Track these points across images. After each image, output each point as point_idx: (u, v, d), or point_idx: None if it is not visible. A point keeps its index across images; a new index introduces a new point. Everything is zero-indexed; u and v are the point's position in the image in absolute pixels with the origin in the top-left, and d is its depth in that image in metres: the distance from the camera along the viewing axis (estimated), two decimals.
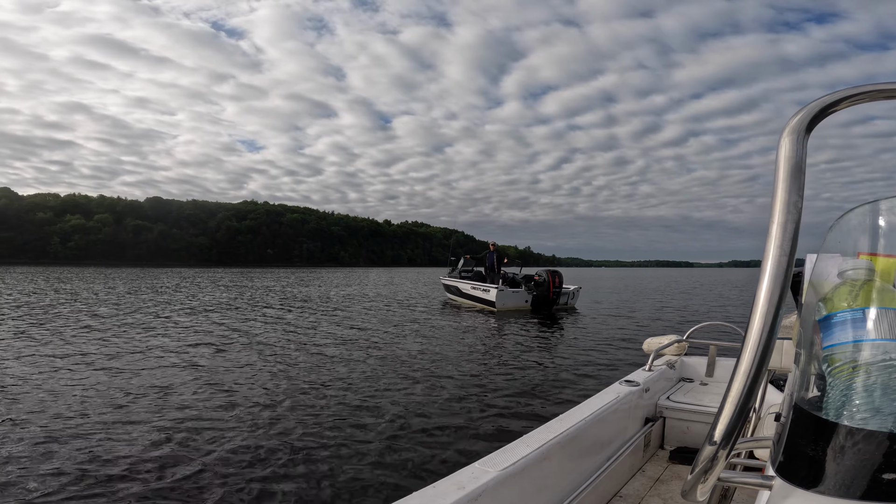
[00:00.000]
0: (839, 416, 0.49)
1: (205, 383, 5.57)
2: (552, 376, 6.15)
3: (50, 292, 20.55)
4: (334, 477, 3.21)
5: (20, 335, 8.95)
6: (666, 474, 2.38)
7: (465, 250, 22.38)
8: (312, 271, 77.80)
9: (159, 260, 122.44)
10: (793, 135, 0.54)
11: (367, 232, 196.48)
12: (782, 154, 0.53)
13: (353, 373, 6.22)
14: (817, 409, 0.52)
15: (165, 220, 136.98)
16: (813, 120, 0.55)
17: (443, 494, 1.20)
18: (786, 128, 0.55)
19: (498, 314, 13.81)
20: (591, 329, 11.40)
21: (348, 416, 4.45)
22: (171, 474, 3.21)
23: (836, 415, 0.50)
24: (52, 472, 3.20)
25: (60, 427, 4.04)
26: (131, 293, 20.83)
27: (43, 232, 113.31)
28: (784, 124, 0.56)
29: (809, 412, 0.52)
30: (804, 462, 0.51)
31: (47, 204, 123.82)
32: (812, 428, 0.51)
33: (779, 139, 0.55)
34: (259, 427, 4.13)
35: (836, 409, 0.50)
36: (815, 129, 0.54)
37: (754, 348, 0.50)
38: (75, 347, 7.83)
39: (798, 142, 0.53)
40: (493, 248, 16.70)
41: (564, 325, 12.09)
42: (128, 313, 13.00)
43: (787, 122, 0.56)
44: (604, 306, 17.97)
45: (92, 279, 34.14)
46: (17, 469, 3.25)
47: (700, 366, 3.29)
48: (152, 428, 4.05)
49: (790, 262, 0.50)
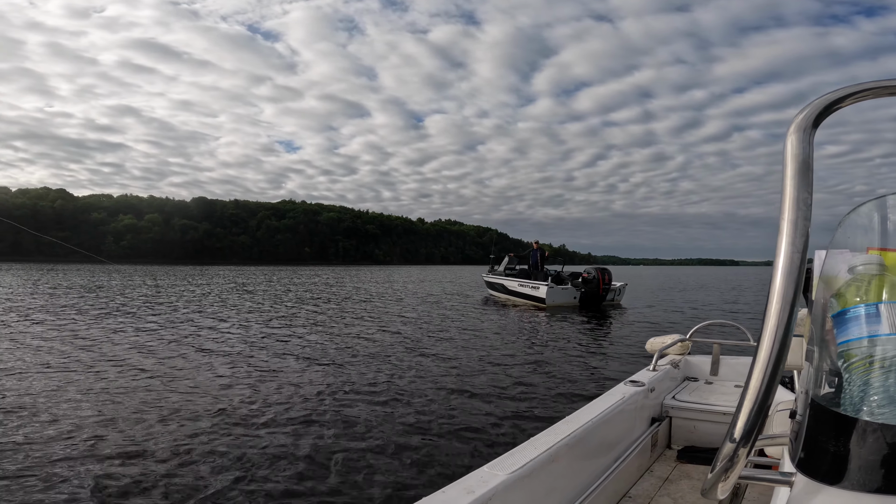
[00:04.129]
0: (858, 412, 0.50)
1: (248, 375, 5.82)
2: (586, 373, 6.29)
3: (143, 288, 22.19)
4: (343, 481, 3.15)
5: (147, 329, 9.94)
6: (674, 474, 2.37)
7: (499, 248, 22.61)
8: (350, 269, 79.36)
9: (204, 258, 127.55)
10: (799, 132, 0.54)
11: (401, 230, 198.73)
12: (789, 151, 0.54)
13: (378, 372, 6.13)
14: (835, 405, 0.52)
15: (210, 220, 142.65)
16: (819, 116, 0.55)
17: (452, 500, 1.19)
18: (792, 125, 0.55)
19: (547, 310, 14.25)
20: (638, 324, 11.70)
21: (363, 418, 4.37)
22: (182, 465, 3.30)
23: (855, 410, 0.50)
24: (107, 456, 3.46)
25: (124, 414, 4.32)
26: (219, 290, 22.18)
27: (97, 231, 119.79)
28: (790, 121, 0.56)
29: (828, 408, 0.53)
30: (826, 458, 0.51)
31: (101, 204, 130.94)
32: (832, 424, 0.51)
33: (785, 136, 0.55)
34: (267, 425, 4.14)
35: (855, 404, 0.50)
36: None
37: (770, 345, 0.50)
38: (194, 339, 8.78)
39: (805, 138, 0.54)
40: (536, 247, 17.20)
41: (612, 321, 12.42)
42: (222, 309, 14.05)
43: (792, 119, 0.56)
44: (649, 303, 18.18)
45: (174, 276, 36.29)
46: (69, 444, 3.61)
47: (704, 364, 3.28)
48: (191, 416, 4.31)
49: (803, 258, 0.50)
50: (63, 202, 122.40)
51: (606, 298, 15.72)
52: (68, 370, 5.96)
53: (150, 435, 3.87)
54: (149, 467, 3.28)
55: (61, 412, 4.36)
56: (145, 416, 4.32)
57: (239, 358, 6.92)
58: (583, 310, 14.50)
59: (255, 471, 3.26)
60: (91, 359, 6.64)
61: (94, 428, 4.00)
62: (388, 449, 3.68)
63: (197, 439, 3.79)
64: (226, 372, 6.06)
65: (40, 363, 6.32)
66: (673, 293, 25.25)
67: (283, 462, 3.42)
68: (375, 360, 6.83)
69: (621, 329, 10.79)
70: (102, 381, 5.46)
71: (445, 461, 3.50)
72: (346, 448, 3.67)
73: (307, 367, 6.36)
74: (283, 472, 3.27)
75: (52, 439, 3.74)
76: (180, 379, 5.65)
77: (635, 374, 2.71)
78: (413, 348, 7.88)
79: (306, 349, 7.70)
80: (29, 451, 3.49)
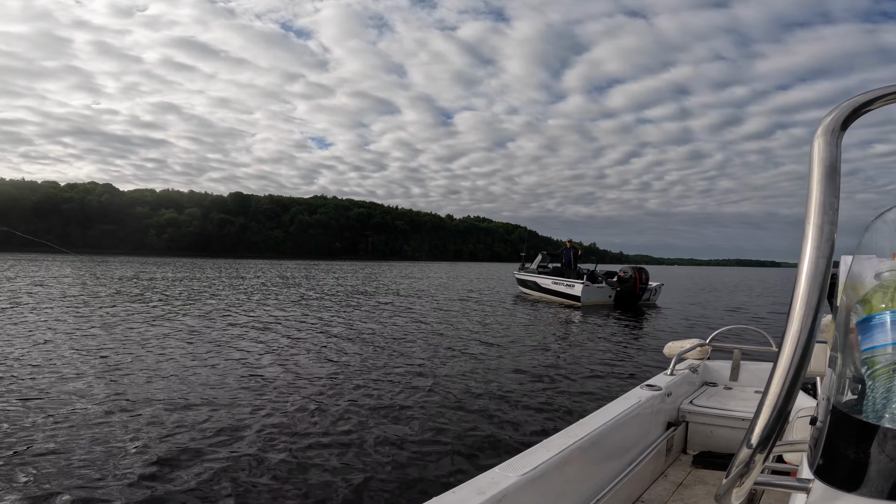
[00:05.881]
0: (880, 419, 0.49)
1: (275, 370, 5.97)
2: (612, 374, 6.33)
3: (217, 280, 23.39)
4: (352, 480, 3.14)
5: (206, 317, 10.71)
6: (689, 479, 2.35)
7: (529, 246, 22.94)
8: (381, 264, 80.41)
9: (240, 252, 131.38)
10: (827, 134, 0.53)
11: (430, 226, 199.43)
12: (816, 154, 0.53)
13: (405, 369, 6.22)
14: (857, 412, 0.52)
15: (245, 214, 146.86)
16: (847, 119, 0.54)
17: (463, 500, 1.20)
18: (819, 127, 0.55)
19: (582, 309, 14.40)
20: (673, 324, 11.78)
21: (381, 415, 4.39)
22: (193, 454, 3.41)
23: (877, 417, 0.50)
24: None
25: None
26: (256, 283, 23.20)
27: (141, 225, 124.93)
28: (817, 124, 0.55)
29: (849, 415, 0.52)
30: (845, 464, 0.51)
31: (145, 199, 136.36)
32: (853, 431, 0.51)
33: (812, 139, 0.54)
34: (279, 419, 4.21)
35: (878, 411, 0.50)
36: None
37: (792, 352, 0.49)
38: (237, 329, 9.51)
39: (832, 141, 0.53)
40: (569, 245, 17.31)
41: (647, 320, 12.54)
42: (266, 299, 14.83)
43: (820, 121, 0.55)
44: (685, 303, 18.10)
45: (222, 269, 37.86)
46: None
47: (724, 370, 3.24)
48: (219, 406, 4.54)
49: (828, 264, 0.50)
50: (109, 196, 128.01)
51: (642, 298, 15.78)
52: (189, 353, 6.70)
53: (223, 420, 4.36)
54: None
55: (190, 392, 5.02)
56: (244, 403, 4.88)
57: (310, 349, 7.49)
58: (618, 309, 14.61)
59: (261, 464, 3.32)
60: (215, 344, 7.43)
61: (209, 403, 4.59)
62: (403, 445, 3.73)
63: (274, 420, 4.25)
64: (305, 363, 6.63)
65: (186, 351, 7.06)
66: (711, 294, 24.87)
67: (287, 455, 3.45)
68: (405, 355, 7.13)
69: (655, 329, 10.93)
70: (225, 363, 6.18)
71: (458, 461, 3.50)
72: (359, 444, 3.71)
73: (337, 359, 6.78)
74: (286, 467, 3.28)
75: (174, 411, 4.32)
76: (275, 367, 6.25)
77: (652, 378, 2.69)
78: (443, 344, 8.18)
79: (341, 342, 8.15)
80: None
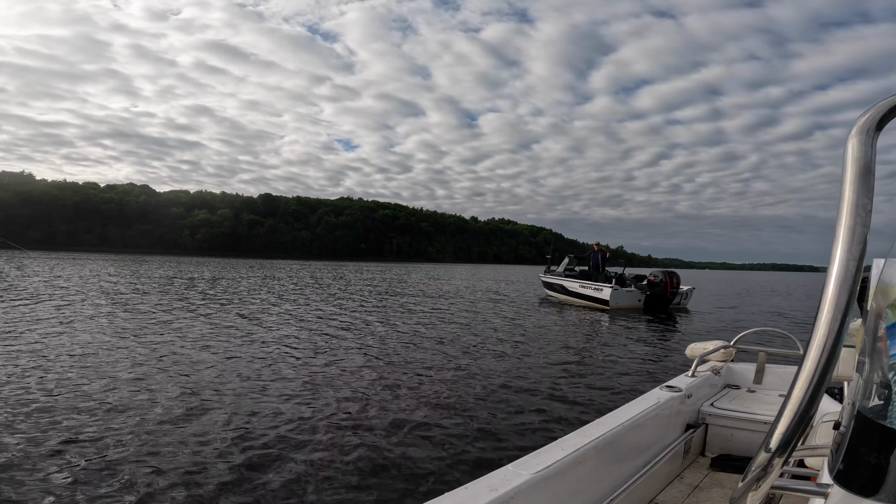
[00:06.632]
0: None
1: (293, 369, 6.05)
2: (634, 375, 6.34)
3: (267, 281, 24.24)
4: (366, 474, 3.19)
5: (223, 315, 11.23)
6: (706, 482, 2.32)
7: (554, 248, 22.82)
8: (407, 265, 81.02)
9: (269, 252, 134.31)
10: (861, 134, 0.52)
11: (454, 228, 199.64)
12: (850, 154, 0.52)
13: (431, 368, 6.34)
14: (882, 418, 0.51)
15: (274, 215, 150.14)
16: (882, 119, 0.53)
17: (475, 496, 1.20)
18: (854, 127, 0.53)
19: (610, 312, 14.34)
20: (704, 327, 11.68)
21: (398, 411, 4.46)
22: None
23: None
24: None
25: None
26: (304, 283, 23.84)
27: (175, 225, 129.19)
28: (852, 124, 0.54)
29: (874, 421, 0.51)
30: (865, 470, 0.50)
31: (179, 200, 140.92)
32: (876, 436, 0.50)
33: (846, 139, 0.53)
34: (299, 420, 4.22)
35: None
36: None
37: (818, 355, 0.48)
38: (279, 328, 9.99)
39: (867, 142, 0.52)
40: (597, 248, 17.22)
41: (677, 324, 12.43)
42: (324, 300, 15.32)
43: (854, 121, 0.54)
44: (717, 307, 17.81)
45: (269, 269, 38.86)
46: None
47: (748, 372, 3.17)
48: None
49: (859, 266, 0.49)
50: (146, 197, 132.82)
51: (673, 302, 15.63)
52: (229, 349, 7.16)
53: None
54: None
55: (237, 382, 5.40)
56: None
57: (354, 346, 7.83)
58: (648, 313, 14.51)
59: (283, 459, 3.42)
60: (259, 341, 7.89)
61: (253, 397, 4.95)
62: (419, 441, 3.76)
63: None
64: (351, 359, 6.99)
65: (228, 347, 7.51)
66: (745, 298, 24.41)
67: (299, 451, 3.52)
68: (441, 353, 7.36)
69: (685, 333, 10.88)
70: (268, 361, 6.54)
71: (472, 457, 3.54)
72: (372, 441, 3.76)
73: (365, 356, 7.06)
74: (295, 463, 3.33)
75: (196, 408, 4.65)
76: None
77: (672, 380, 2.67)
78: (473, 343, 8.42)
79: (365, 338, 8.43)
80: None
